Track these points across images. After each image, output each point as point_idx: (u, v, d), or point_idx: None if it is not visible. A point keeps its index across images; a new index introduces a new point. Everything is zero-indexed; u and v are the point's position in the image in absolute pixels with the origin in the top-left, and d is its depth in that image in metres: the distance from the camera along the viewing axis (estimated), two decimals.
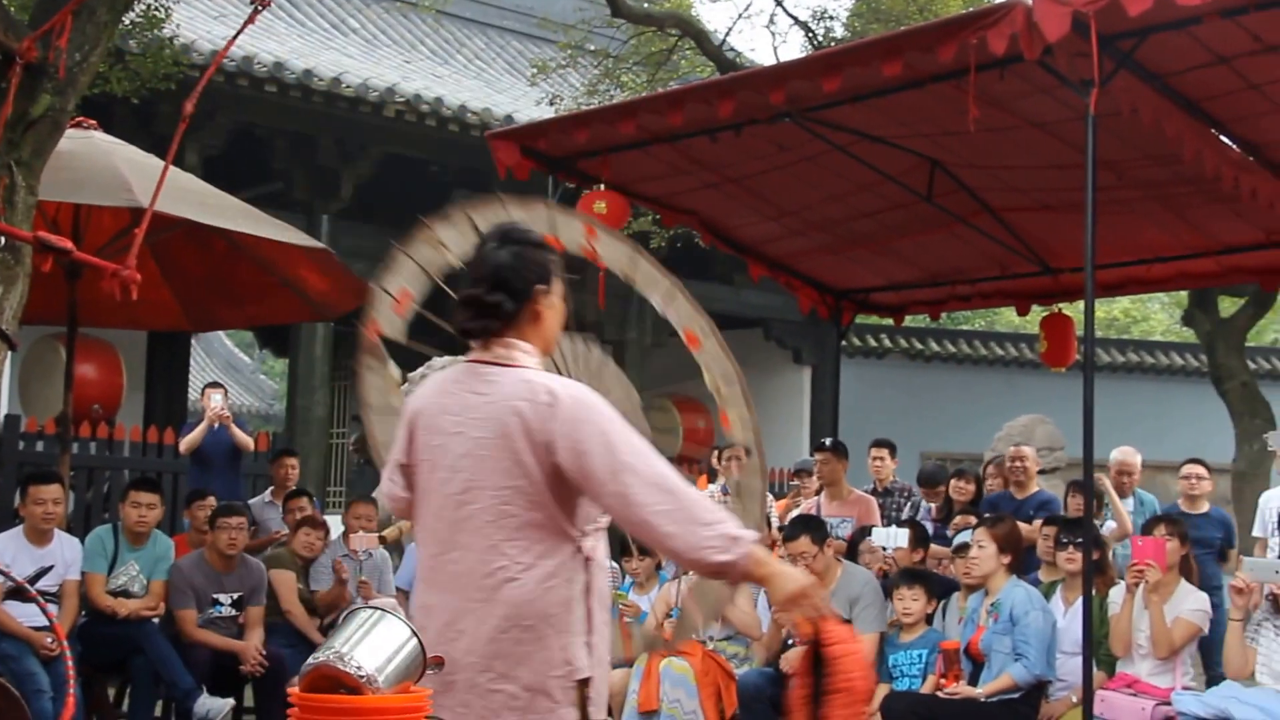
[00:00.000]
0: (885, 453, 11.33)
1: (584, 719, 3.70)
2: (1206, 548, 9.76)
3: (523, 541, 3.60)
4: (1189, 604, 7.61)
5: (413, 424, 3.83)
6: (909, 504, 10.84)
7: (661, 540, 3.56)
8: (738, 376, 5.24)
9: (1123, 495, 10.22)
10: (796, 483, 11.36)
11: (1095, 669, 7.32)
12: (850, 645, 3.70)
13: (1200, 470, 10.29)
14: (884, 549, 9.07)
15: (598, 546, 3.76)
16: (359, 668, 3.21)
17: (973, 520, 9.16)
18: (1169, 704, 7.23)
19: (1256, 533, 9.88)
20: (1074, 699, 7.51)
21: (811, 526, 8.49)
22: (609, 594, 3.86)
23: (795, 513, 10.12)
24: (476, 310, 3.74)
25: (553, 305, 3.83)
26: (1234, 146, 7.67)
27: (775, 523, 9.60)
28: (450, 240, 5.08)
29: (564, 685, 3.63)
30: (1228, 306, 16.82)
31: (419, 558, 3.85)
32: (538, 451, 3.58)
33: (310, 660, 3.25)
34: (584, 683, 3.68)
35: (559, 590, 3.62)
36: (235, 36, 7.73)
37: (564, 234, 5.13)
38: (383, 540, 8.19)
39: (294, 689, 3.28)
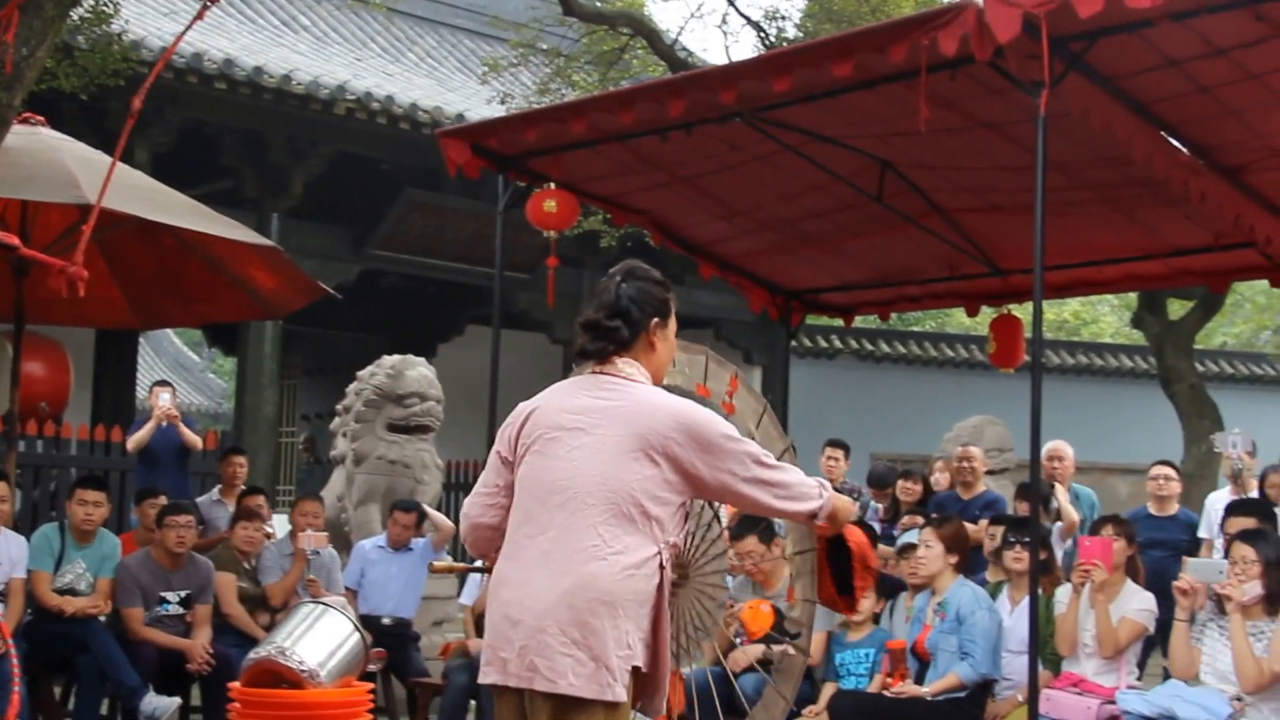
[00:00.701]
0: (840, 453, 11.39)
1: (636, 706, 4.01)
2: (1173, 550, 9.80)
3: (617, 530, 3.95)
4: (1135, 604, 7.65)
5: (524, 421, 4.20)
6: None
7: (779, 508, 4.23)
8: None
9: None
10: None
11: (1041, 668, 7.33)
12: (863, 538, 4.86)
13: (1169, 471, 10.37)
14: None
15: (670, 560, 4.06)
16: (301, 662, 3.20)
17: (920, 520, 9.19)
18: (1114, 703, 7.27)
19: (1202, 534, 9.96)
20: (1020, 698, 7.54)
21: (759, 526, 8.41)
22: (668, 602, 4.10)
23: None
24: (595, 334, 4.18)
25: (666, 339, 4.29)
26: (1184, 149, 7.69)
27: (724, 521, 9.59)
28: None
29: (623, 667, 3.91)
30: (1176, 309, 16.91)
31: (508, 536, 4.14)
32: (652, 457, 4.00)
33: (252, 654, 3.25)
34: (637, 672, 3.94)
35: (637, 581, 3.94)
36: (184, 32, 7.70)
37: (712, 384, 5.84)
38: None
39: (235, 684, 3.27)
